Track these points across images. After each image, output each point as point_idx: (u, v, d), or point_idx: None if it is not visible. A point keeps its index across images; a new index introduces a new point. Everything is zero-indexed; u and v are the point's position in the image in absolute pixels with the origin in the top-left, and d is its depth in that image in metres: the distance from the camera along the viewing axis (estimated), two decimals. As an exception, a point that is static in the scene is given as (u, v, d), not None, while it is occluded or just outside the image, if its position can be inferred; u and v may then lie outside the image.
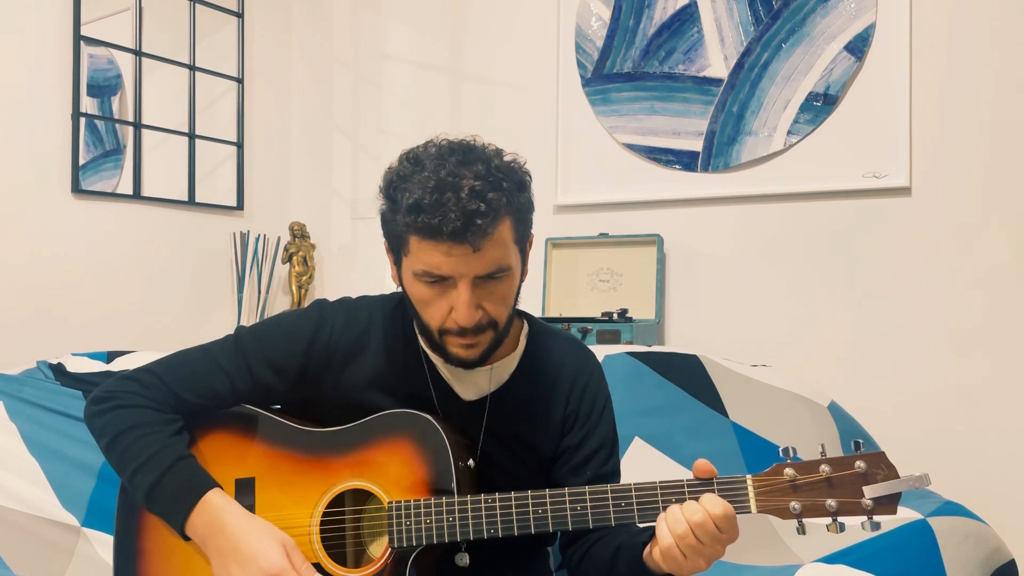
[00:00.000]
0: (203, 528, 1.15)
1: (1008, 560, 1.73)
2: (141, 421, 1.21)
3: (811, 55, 2.34)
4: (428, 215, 1.09)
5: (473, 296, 1.14)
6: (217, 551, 1.14)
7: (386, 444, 1.20)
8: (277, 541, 1.13)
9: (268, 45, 3.17)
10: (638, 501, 1.09)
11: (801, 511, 1.05)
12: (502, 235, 1.14)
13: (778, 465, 1.07)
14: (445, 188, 1.10)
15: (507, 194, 1.14)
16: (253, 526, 1.14)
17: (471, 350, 1.19)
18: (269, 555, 1.11)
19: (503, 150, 1.20)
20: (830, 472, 1.05)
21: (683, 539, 1.04)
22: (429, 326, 1.19)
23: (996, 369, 2.14)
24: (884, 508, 1.04)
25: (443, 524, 1.14)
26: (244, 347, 1.28)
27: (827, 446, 1.10)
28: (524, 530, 1.13)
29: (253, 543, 1.12)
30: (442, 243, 1.11)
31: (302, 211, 3.22)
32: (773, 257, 2.42)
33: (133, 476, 1.19)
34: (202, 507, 1.15)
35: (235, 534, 1.13)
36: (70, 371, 1.89)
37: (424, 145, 1.19)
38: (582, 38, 2.69)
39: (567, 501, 1.12)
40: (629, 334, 2.29)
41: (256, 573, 1.10)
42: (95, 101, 2.63)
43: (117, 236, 2.68)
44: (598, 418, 1.31)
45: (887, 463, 1.05)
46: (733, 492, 1.06)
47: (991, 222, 2.16)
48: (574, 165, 2.71)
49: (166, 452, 1.19)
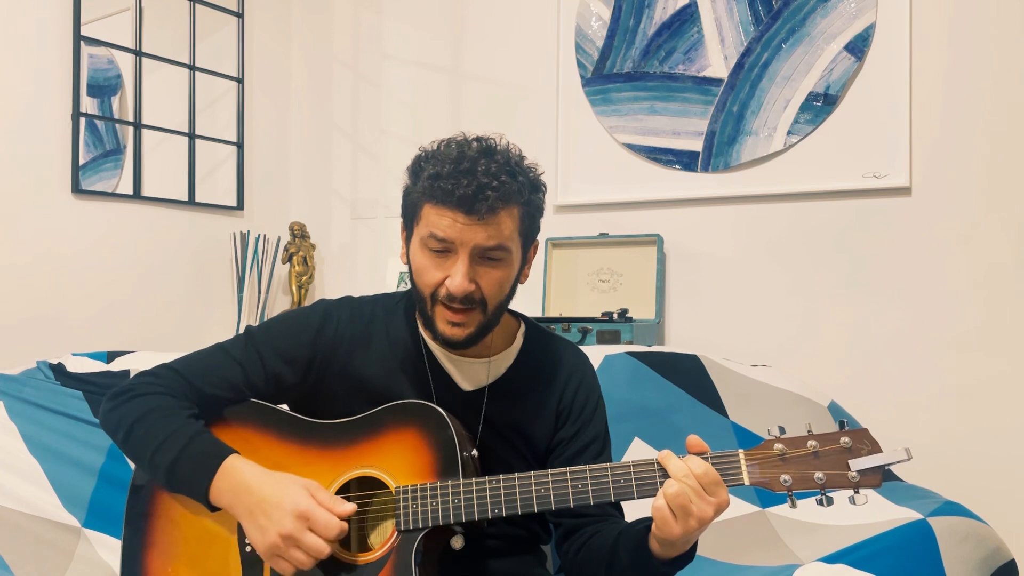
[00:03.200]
0: (228, 491, 1.19)
1: (1008, 560, 1.73)
2: (158, 405, 1.25)
3: (811, 55, 2.34)
4: (444, 181, 1.19)
5: (470, 268, 1.21)
6: (244, 509, 1.17)
7: (393, 434, 1.24)
8: (300, 485, 1.17)
9: (268, 45, 3.17)
10: (636, 477, 1.13)
11: (791, 483, 1.09)
12: (509, 217, 1.22)
13: (768, 440, 1.12)
14: (465, 161, 1.20)
15: (521, 185, 1.23)
16: (275, 478, 1.18)
17: (457, 328, 1.24)
18: (295, 497, 1.14)
19: (525, 156, 1.29)
20: (817, 447, 1.10)
21: (675, 499, 1.07)
22: (423, 293, 1.25)
23: (996, 369, 2.14)
24: (869, 480, 1.09)
25: (448, 506, 1.17)
26: (255, 340, 1.34)
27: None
28: (527, 508, 1.16)
29: (278, 491, 1.16)
30: (451, 208, 1.19)
31: (302, 211, 3.22)
32: (773, 257, 2.42)
33: (154, 456, 1.22)
34: (223, 472, 1.19)
35: (258, 488, 1.17)
36: (70, 371, 1.89)
37: (455, 135, 1.28)
38: (582, 38, 2.69)
39: (568, 479, 1.15)
40: (629, 334, 2.29)
41: (284, 516, 1.13)
42: (95, 101, 2.63)
43: (117, 236, 2.68)
44: (591, 414, 1.37)
45: (870, 439, 1.10)
46: (726, 465, 1.11)
47: (991, 222, 2.16)
48: (574, 165, 2.71)
49: (183, 430, 1.23)
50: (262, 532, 1.15)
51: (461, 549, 1.20)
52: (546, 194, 1.31)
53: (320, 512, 1.14)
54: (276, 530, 1.13)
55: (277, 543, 1.13)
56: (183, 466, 1.20)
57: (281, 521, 1.13)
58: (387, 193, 3.06)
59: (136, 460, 1.28)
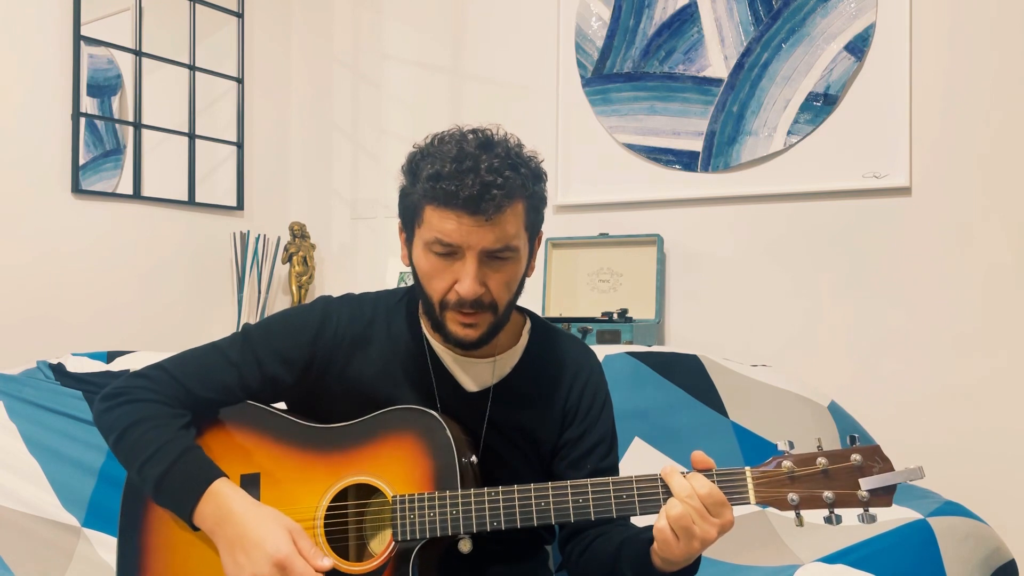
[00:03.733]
0: (211, 517, 1.16)
1: (1008, 560, 1.73)
2: (150, 414, 1.22)
3: (811, 55, 2.34)
4: (446, 182, 1.14)
5: (479, 271, 1.17)
6: (225, 539, 1.14)
7: (391, 440, 1.21)
8: (283, 527, 1.14)
9: (268, 45, 3.17)
10: (639, 493, 1.10)
11: (799, 502, 1.06)
12: (514, 214, 1.17)
13: (776, 458, 1.08)
14: (465, 159, 1.15)
15: (523, 179, 1.19)
16: (260, 513, 1.15)
17: (469, 329, 1.20)
18: (276, 541, 1.11)
19: (523, 144, 1.25)
20: (827, 464, 1.06)
21: (678, 521, 1.04)
22: (431, 299, 1.21)
23: (996, 369, 2.14)
24: (880, 500, 1.05)
25: (447, 517, 1.15)
26: (252, 340, 1.29)
27: (827, 446, 1.10)
28: (527, 522, 1.13)
29: (260, 530, 1.12)
30: (456, 210, 1.14)
31: (302, 211, 3.22)
32: (773, 257, 2.42)
33: (142, 468, 1.19)
34: (209, 496, 1.16)
35: (242, 521, 1.14)
36: (70, 371, 1.88)
37: (449, 129, 1.24)
38: (582, 38, 2.69)
39: (569, 493, 1.13)
40: (629, 334, 2.29)
41: (263, 559, 1.10)
42: (95, 101, 2.63)
43: (117, 236, 2.68)
44: (598, 414, 1.33)
45: (882, 456, 1.06)
46: (732, 483, 1.07)
47: (991, 222, 2.16)
48: (574, 165, 2.71)
49: (174, 444, 1.19)
50: (238, 568, 1.12)
51: (466, 552, 1.19)
52: (547, 180, 1.26)
53: (299, 564, 1.10)
54: (251, 571, 1.11)
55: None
56: (170, 483, 1.18)
57: (258, 563, 1.10)
58: (387, 193, 3.06)
59: (125, 467, 1.25)
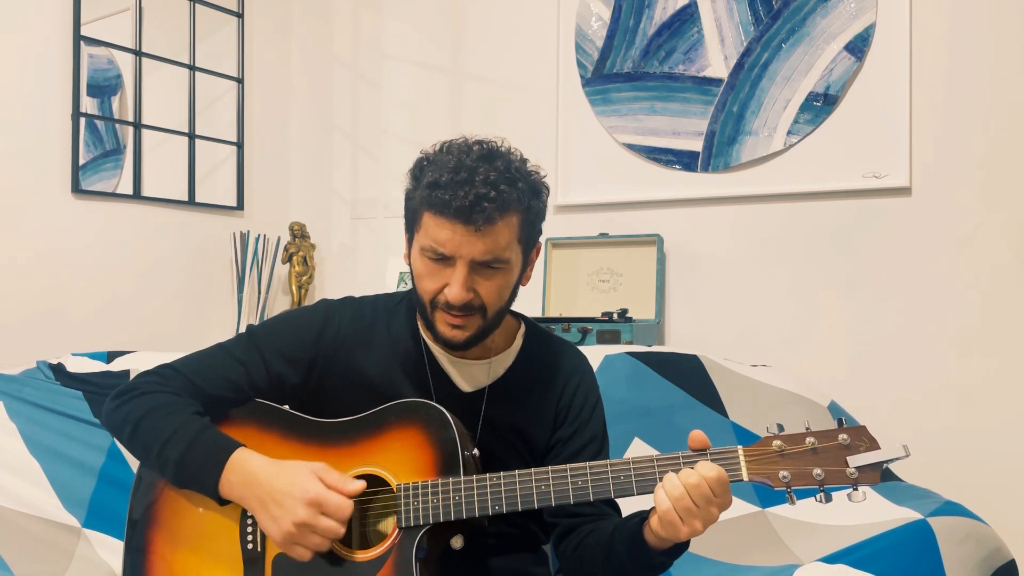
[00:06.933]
0: (238, 484, 1.20)
1: (1008, 560, 1.74)
2: (162, 403, 1.26)
3: (811, 55, 2.34)
4: (442, 191, 1.18)
5: (468, 279, 1.21)
6: (256, 500, 1.18)
7: (395, 432, 1.25)
8: (306, 469, 1.18)
9: (268, 45, 3.17)
10: (636, 473, 1.14)
11: (790, 479, 1.10)
12: (506, 227, 1.21)
13: (767, 437, 1.13)
14: (463, 170, 1.19)
15: (520, 193, 1.22)
16: (283, 466, 1.19)
17: (457, 331, 1.25)
18: (303, 483, 1.15)
19: (528, 159, 1.28)
20: (816, 443, 1.11)
21: (679, 501, 1.09)
22: (423, 298, 1.26)
23: (996, 369, 2.14)
24: (867, 476, 1.09)
25: (450, 502, 1.18)
26: (257, 340, 1.34)
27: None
28: (528, 505, 1.17)
29: (286, 479, 1.17)
30: (450, 219, 1.18)
31: (302, 211, 3.22)
32: (773, 257, 2.42)
33: (161, 452, 1.23)
34: (232, 464, 1.20)
35: (268, 478, 1.18)
36: (70, 371, 1.89)
37: (457, 139, 1.27)
38: (582, 38, 2.69)
39: (568, 477, 1.16)
40: (629, 334, 2.29)
41: (295, 504, 1.15)
42: (95, 101, 2.63)
43: (117, 236, 2.68)
44: (589, 415, 1.38)
45: (868, 436, 1.10)
46: (726, 461, 1.12)
47: (991, 222, 2.16)
48: (574, 165, 2.71)
49: (190, 425, 1.23)
50: (276, 522, 1.16)
51: (461, 549, 1.21)
52: (548, 196, 1.30)
53: (331, 496, 1.15)
54: (290, 519, 1.15)
55: (292, 531, 1.15)
56: (191, 460, 1.21)
57: (294, 509, 1.14)
58: (387, 193, 3.06)
59: (143, 456, 1.28)
